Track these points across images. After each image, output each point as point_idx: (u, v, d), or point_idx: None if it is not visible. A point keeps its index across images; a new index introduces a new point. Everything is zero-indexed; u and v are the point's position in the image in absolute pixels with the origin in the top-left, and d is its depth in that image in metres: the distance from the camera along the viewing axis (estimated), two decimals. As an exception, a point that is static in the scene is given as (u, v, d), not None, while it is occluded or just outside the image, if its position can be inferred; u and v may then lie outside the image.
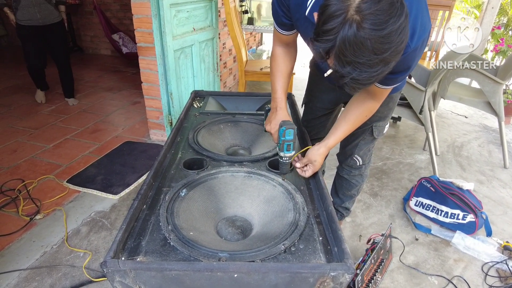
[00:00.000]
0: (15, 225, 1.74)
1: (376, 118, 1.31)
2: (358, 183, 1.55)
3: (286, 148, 1.07)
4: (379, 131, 1.36)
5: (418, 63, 2.54)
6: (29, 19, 2.75)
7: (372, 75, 0.71)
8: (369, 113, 1.14)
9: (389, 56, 0.69)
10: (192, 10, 2.40)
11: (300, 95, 1.66)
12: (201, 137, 1.33)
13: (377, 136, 1.37)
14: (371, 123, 1.32)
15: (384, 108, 1.28)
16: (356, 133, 1.37)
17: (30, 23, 2.77)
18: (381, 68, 0.70)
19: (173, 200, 0.95)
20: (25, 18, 2.75)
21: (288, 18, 1.07)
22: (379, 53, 0.67)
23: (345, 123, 1.14)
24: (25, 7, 2.71)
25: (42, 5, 2.77)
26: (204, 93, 1.79)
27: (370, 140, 1.40)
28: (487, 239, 1.73)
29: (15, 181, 2.09)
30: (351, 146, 1.43)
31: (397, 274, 1.55)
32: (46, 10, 2.81)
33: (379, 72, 0.71)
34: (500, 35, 3.74)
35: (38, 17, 2.78)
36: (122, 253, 0.78)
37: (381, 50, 0.67)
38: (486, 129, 3.18)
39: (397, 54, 0.71)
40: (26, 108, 3.22)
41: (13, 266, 1.50)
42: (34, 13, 2.75)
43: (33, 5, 2.72)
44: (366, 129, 1.35)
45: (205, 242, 0.82)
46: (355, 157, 1.44)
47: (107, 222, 1.80)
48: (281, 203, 0.98)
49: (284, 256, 0.79)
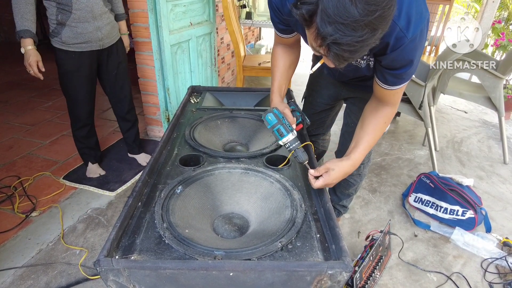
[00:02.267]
0: (11, 222, 1.72)
1: None
2: (356, 182, 1.52)
3: (278, 134, 1.00)
4: None
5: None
6: (85, 41, 1.68)
7: (356, 40, 0.66)
8: (388, 120, 1.05)
9: (374, 20, 0.64)
10: (189, 4, 2.37)
11: (299, 90, 1.65)
12: (198, 133, 1.31)
13: None
14: None
15: None
16: (353, 131, 1.34)
17: (85, 47, 1.70)
18: (367, 34, 0.65)
19: (168, 197, 0.93)
20: (77, 40, 1.65)
21: (285, 24, 1.06)
22: (364, 15, 0.63)
23: (365, 134, 1.03)
24: (78, 22, 1.61)
25: (104, 17, 1.71)
26: (201, 89, 1.76)
27: None
28: (486, 235, 1.72)
29: (11, 178, 2.07)
30: (348, 144, 1.39)
31: (396, 270, 1.54)
32: (109, 24, 1.75)
33: (364, 39, 0.66)
34: (500, 29, 3.71)
35: (99, 37, 1.71)
36: (116, 252, 0.76)
37: (366, 12, 0.62)
38: (486, 124, 3.16)
39: (384, 20, 0.66)
40: (22, 104, 3.19)
41: (8, 264, 1.49)
42: (94, 31, 1.68)
43: (92, 18, 1.64)
44: None
45: (200, 240, 0.80)
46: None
47: (103, 219, 1.79)
48: (278, 200, 0.96)
49: (281, 254, 0.77)
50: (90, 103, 1.91)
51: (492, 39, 3.81)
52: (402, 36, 0.81)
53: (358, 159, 1.01)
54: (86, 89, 1.83)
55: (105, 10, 1.71)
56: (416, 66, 0.90)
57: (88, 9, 1.61)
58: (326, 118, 1.55)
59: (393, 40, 0.82)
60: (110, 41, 1.81)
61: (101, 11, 1.67)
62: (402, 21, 0.80)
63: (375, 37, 0.67)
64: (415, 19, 0.81)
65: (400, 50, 0.83)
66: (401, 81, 0.94)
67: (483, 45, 3.80)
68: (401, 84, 0.96)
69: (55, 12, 1.59)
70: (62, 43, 1.65)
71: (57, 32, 1.63)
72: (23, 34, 1.55)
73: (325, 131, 1.63)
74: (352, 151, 1.02)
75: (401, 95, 1.03)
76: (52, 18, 1.61)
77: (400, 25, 0.80)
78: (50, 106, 3.19)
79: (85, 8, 1.60)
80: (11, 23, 2.63)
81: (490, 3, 3.57)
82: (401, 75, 0.92)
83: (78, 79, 1.77)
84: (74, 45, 1.67)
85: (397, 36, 0.81)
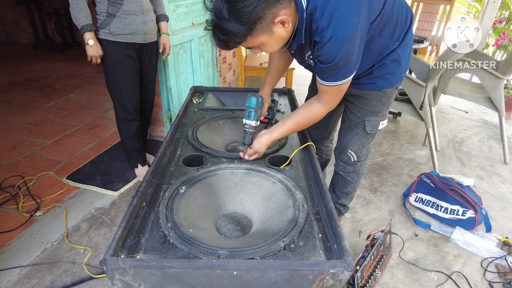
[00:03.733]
0: (15, 221, 1.74)
1: (368, 113, 1.30)
2: (353, 180, 1.53)
3: (247, 115, 1.18)
4: (373, 126, 1.33)
5: (417, 58, 2.51)
6: (131, 32, 1.74)
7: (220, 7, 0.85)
8: (313, 116, 1.15)
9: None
10: (191, 5, 2.38)
11: (300, 90, 1.66)
12: (201, 133, 1.32)
13: (370, 131, 1.34)
14: (363, 117, 1.31)
15: (377, 103, 1.27)
16: (350, 127, 1.37)
17: (131, 39, 1.76)
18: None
19: (172, 197, 0.95)
20: (125, 31, 1.72)
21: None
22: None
23: (290, 122, 1.17)
24: (127, 14, 1.70)
25: (150, 13, 1.81)
26: (203, 89, 1.78)
27: (363, 135, 1.37)
28: (486, 235, 1.73)
29: (15, 177, 2.09)
30: (345, 140, 1.42)
31: (397, 270, 1.56)
32: (153, 21, 1.85)
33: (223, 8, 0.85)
34: (501, 29, 3.71)
35: (144, 30, 1.79)
36: (122, 251, 0.78)
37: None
38: (487, 124, 3.17)
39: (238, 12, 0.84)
40: (24, 105, 3.21)
41: (14, 263, 1.51)
42: (141, 24, 1.76)
43: (140, 12, 1.74)
44: (359, 123, 1.33)
45: (204, 239, 0.82)
46: (348, 152, 1.42)
47: (107, 218, 1.80)
48: (281, 200, 0.98)
49: (284, 253, 0.78)
50: (137, 94, 1.94)
51: (493, 39, 3.81)
52: (323, 35, 0.92)
53: (276, 138, 1.18)
54: (133, 80, 1.88)
55: (151, 7, 1.83)
56: (342, 68, 0.98)
57: (138, 3, 1.72)
58: (329, 120, 1.55)
59: (317, 37, 0.94)
60: (152, 38, 1.89)
61: (148, 8, 1.79)
62: (323, 21, 0.91)
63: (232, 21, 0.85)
64: (334, 21, 0.90)
65: (323, 47, 0.94)
66: (327, 76, 1.02)
67: (483, 45, 3.80)
68: (328, 80, 1.03)
69: (106, 5, 1.67)
70: (110, 33, 1.71)
71: (106, 24, 1.70)
72: (87, 28, 1.63)
73: (329, 134, 1.63)
74: (275, 130, 1.17)
75: (333, 99, 1.11)
76: (102, 11, 1.68)
77: (321, 25, 0.91)
78: (52, 106, 3.20)
79: (135, 2, 1.71)
80: (12, 23, 2.61)
81: (491, 2, 3.57)
82: (325, 69, 1.00)
83: (125, 69, 1.81)
84: (121, 36, 1.73)
85: (320, 34, 0.93)
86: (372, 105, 1.27)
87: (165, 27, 2.00)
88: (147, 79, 2.01)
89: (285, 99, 1.73)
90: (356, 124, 1.34)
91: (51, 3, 5.14)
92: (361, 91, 1.26)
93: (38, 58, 4.87)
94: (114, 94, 1.88)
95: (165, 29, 2.00)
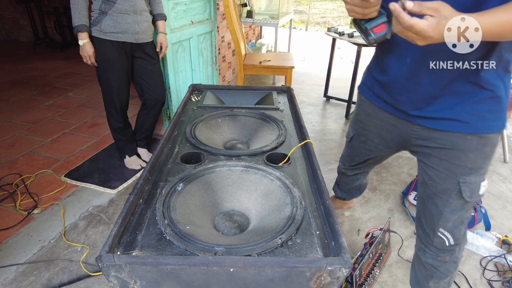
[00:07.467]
0: (13, 219, 1.74)
1: (465, 170, 0.92)
2: (449, 273, 1.09)
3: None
4: (472, 191, 0.94)
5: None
6: (122, 31, 1.77)
7: None
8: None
9: None
10: (190, 3, 2.38)
11: (300, 89, 1.65)
12: (199, 131, 1.32)
13: (469, 198, 0.95)
14: (456, 177, 0.94)
15: (477, 155, 0.90)
16: (435, 194, 0.99)
17: (122, 37, 1.79)
18: None
19: (169, 194, 0.94)
20: (115, 29, 1.75)
21: None
22: None
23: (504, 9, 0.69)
24: (119, 13, 1.72)
25: (144, 14, 1.83)
26: (202, 87, 1.77)
27: (459, 205, 0.97)
28: (485, 233, 1.73)
29: (13, 175, 2.08)
30: (432, 216, 1.02)
31: (396, 268, 1.55)
32: (146, 21, 1.86)
33: None
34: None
35: (136, 30, 1.81)
36: (118, 248, 0.77)
37: None
38: (486, 123, 3.16)
39: None
40: (23, 103, 3.20)
41: (11, 261, 1.50)
42: (132, 23, 1.78)
43: (133, 12, 1.76)
44: (450, 188, 0.95)
45: (201, 236, 0.81)
46: (440, 233, 1.02)
47: (105, 216, 1.80)
48: (279, 197, 0.97)
49: (281, 250, 0.78)
50: (127, 93, 2.00)
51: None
52: None
53: (484, 23, 0.69)
54: (123, 79, 1.92)
55: (146, 8, 1.84)
56: None
57: (131, 2, 1.74)
58: (364, 175, 1.33)
59: None
60: (145, 38, 1.90)
61: (141, 8, 1.80)
62: None
63: None
64: None
65: None
66: None
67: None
68: None
69: (100, 2, 1.70)
70: (101, 31, 1.74)
71: (98, 21, 1.73)
72: (81, 28, 1.68)
73: (351, 198, 1.46)
74: (483, 14, 0.69)
75: None
76: (95, 8, 1.72)
77: None
78: (51, 104, 3.20)
79: (128, 1, 1.73)
80: (12, 22, 2.66)
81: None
82: None
83: (114, 67, 1.85)
84: (111, 34, 1.76)
85: None
86: (470, 159, 0.90)
87: (163, 26, 2.00)
88: (151, 78, 2.03)
89: (284, 97, 1.72)
90: (445, 189, 0.96)
91: (51, 2, 5.14)
92: (456, 135, 0.88)
93: (37, 56, 4.87)
94: (105, 90, 1.93)
95: (162, 28, 2.00)
